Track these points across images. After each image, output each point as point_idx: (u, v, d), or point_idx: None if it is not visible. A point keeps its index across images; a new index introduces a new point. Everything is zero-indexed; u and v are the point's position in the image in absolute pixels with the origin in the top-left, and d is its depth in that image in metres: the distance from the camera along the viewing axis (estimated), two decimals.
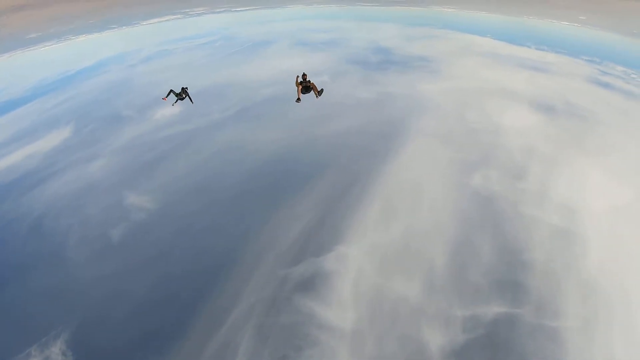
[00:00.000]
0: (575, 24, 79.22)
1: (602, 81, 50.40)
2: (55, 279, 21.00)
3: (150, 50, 66.12)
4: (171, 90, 19.43)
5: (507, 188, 27.30)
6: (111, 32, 78.15)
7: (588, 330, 18.09)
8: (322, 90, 17.19)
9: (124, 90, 47.29)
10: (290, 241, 22.96)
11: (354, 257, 22.00)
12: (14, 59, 62.21)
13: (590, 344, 17.65)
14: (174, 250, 22.92)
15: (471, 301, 19.28)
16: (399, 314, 18.78)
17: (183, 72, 52.66)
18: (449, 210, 25.27)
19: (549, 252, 22.08)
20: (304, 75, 17.04)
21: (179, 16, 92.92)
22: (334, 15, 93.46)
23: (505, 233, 23.37)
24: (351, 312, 18.95)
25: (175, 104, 20.13)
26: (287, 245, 22.67)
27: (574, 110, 39.99)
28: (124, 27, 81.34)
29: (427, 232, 23.56)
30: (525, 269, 20.94)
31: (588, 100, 42.44)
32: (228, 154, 32.48)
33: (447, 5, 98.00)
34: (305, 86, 17.07)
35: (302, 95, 17.04)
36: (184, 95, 19.76)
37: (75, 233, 24.09)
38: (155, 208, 25.95)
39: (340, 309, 19.07)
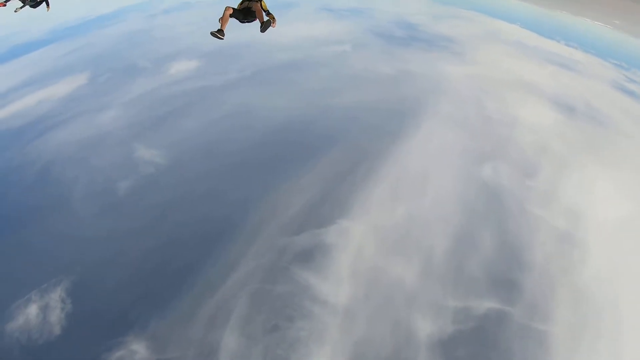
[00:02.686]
0: (609, 26, 76.88)
1: (627, 88, 49.18)
2: (59, 228, 20.99)
3: (172, 1, 64.48)
4: None
5: (515, 184, 26.97)
6: None
7: (575, 338, 18.14)
8: (268, 21, 10.22)
9: (141, 41, 46.51)
10: (294, 211, 22.89)
11: (355, 234, 21.93)
12: None
13: (575, 352, 17.74)
14: (181, 208, 22.97)
15: (465, 293, 19.33)
16: (392, 297, 18.92)
17: (203, 27, 51.45)
18: (455, 199, 25.04)
19: (549, 254, 22.02)
20: None
21: None
22: None
23: (508, 229, 23.24)
24: (346, 288, 19.07)
25: (19, 10, 15.44)
26: (290, 215, 22.62)
27: (595, 114, 39.13)
28: None
29: (430, 218, 23.43)
30: (522, 268, 20.93)
31: (610, 106, 41.47)
32: (239, 117, 32.00)
33: None
34: (247, 8, 10.25)
35: (238, 24, 10.68)
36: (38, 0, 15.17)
37: (82, 182, 24.00)
38: (164, 163, 25.87)
39: (335, 284, 19.19)
